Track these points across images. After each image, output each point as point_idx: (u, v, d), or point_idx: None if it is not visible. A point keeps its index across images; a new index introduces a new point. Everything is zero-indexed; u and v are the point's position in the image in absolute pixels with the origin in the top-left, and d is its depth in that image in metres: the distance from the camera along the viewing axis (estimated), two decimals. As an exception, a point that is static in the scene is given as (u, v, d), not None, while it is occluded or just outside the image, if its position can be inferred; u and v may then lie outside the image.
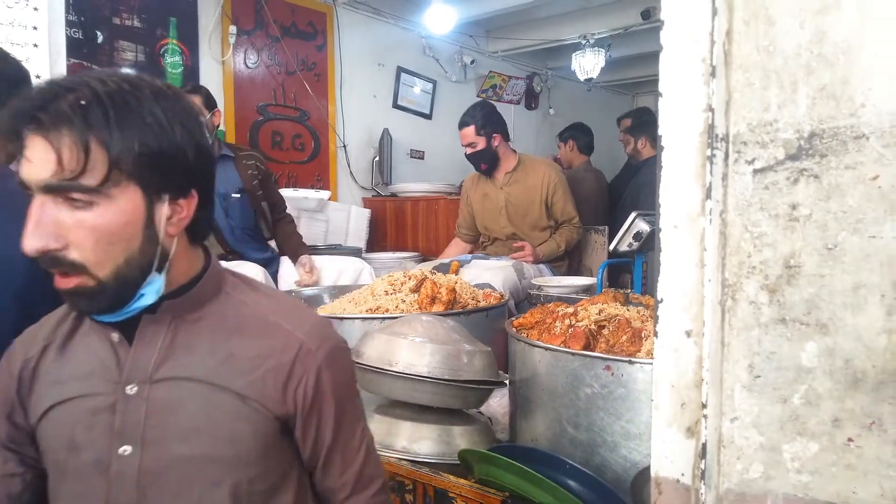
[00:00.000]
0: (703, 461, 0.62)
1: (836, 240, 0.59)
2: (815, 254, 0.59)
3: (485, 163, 3.36)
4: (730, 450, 0.62)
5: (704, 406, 0.61)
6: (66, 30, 2.71)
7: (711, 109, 0.61)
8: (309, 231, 3.86)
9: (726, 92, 0.61)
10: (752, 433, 0.62)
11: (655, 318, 0.65)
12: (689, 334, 0.63)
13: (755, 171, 0.61)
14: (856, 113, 0.57)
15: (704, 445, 0.62)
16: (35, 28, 2.48)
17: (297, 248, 3.03)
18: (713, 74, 0.60)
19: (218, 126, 3.00)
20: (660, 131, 0.65)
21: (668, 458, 0.65)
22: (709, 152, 0.61)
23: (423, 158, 5.16)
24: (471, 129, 3.32)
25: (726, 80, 0.61)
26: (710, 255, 0.61)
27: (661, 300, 0.64)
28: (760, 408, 0.61)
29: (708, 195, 0.61)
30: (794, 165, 0.60)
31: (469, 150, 3.36)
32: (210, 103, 2.92)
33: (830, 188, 0.59)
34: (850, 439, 0.59)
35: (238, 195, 2.95)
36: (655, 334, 0.65)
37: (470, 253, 3.54)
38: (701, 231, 0.62)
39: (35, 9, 2.48)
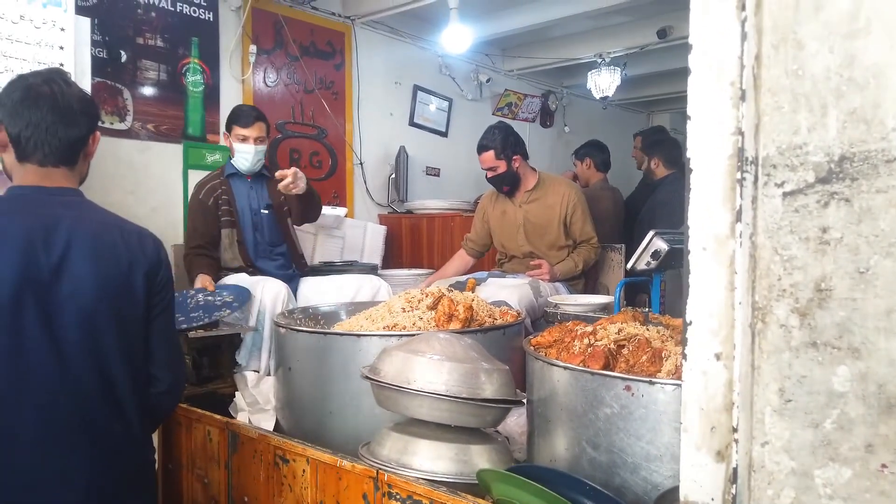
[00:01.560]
0: (734, 486, 0.61)
1: (867, 263, 0.58)
2: (847, 277, 0.59)
3: (507, 185, 3.37)
4: (760, 475, 0.62)
5: (735, 430, 0.61)
6: (91, 49, 2.78)
7: (741, 133, 0.61)
8: (325, 247, 3.89)
9: (755, 115, 0.61)
10: (783, 458, 0.61)
11: (684, 341, 0.64)
12: (718, 357, 0.62)
13: (785, 194, 0.61)
14: (887, 136, 0.57)
15: (735, 470, 0.61)
16: (62, 48, 2.55)
17: None
18: (743, 98, 0.60)
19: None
20: (688, 154, 0.65)
21: (696, 482, 0.64)
22: (738, 175, 0.61)
23: (438, 176, 5.19)
24: (490, 154, 3.32)
25: (755, 103, 0.61)
26: (741, 277, 0.61)
27: (690, 322, 0.64)
28: (792, 432, 0.61)
29: (738, 218, 0.61)
30: (824, 189, 0.60)
31: (490, 174, 3.36)
32: (268, 130, 3.11)
33: (862, 212, 0.58)
34: (883, 465, 0.58)
35: (266, 211, 3.07)
36: (684, 357, 0.65)
37: (472, 269, 3.54)
38: (731, 254, 0.61)
39: (62, 29, 2.54)
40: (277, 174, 2.89)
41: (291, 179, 2.86)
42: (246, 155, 2.97)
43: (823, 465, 0.60)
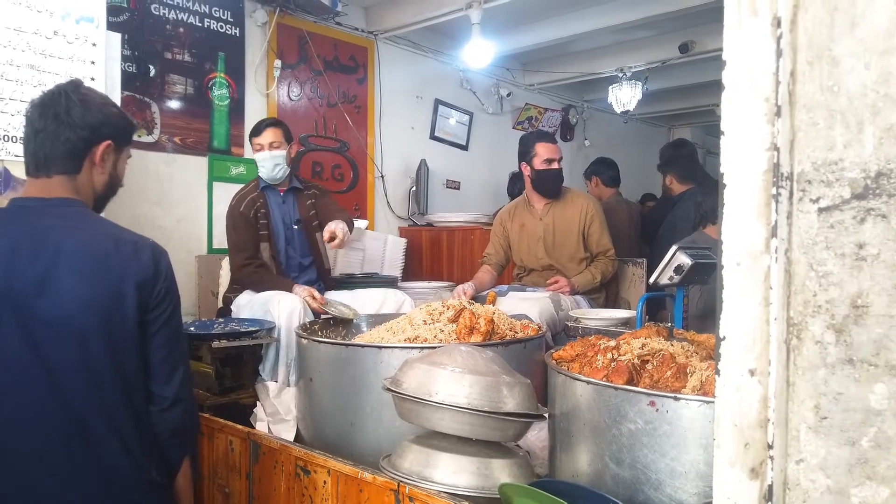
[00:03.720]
0: (769, 504, 0.60)
1: (905, 280, 0.58)
2: (884, 294, 0.58)
3: (560, 182, 3.40)
4: (795, 493, 0.61)
5: (770, 447, 0.60)
6: (121, 64, 2.84)
7: (776, 148, 0.61)
8: (346, 260, 3.91)
9: (791, 131, 0.61)
10: (818, 476, 0.60)
11: (717, 356, 0.64)
12: (752, 373, 0.62)
13: (820, 210, 0.61)
14: (924, 153, 0.57)
15: (770, 487, 0.61)
16: (93, 63, 2.61)
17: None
18: (778, 114, 0.60)
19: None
20: (721, 169, 0.65)
21: (730, 499, 0.63)
22: (774, 191, 0.61)
23: (458, 189, 5.21)
24: (560, 148, 3.40)
25: (791, 119, 0.61)
26: (776, 293, 0.61)
27: (724, 338, 0.64)
28: (827, 450, 0.60)
29: (773, 233, 0.61)
30: (860, 205, 0.59)
31: (556, 165, 3.35)
32: (289, 136, 3.09)
33: (899, 228, 0.58)
34: (922, 485, 0.57)
35: (296, 226, 3.08)
36: (717, 372, 0.64)
37: (497, 281, 3.53)
38: (765, 269, 0.61)
39: (93, 44, 2.61)
40: (327, 232, 2.84)
41: (339, 243, 2.83)
42: (263, 162, 2.99)
43: (860, 483, 0.59)
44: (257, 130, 3.02)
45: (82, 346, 1.32)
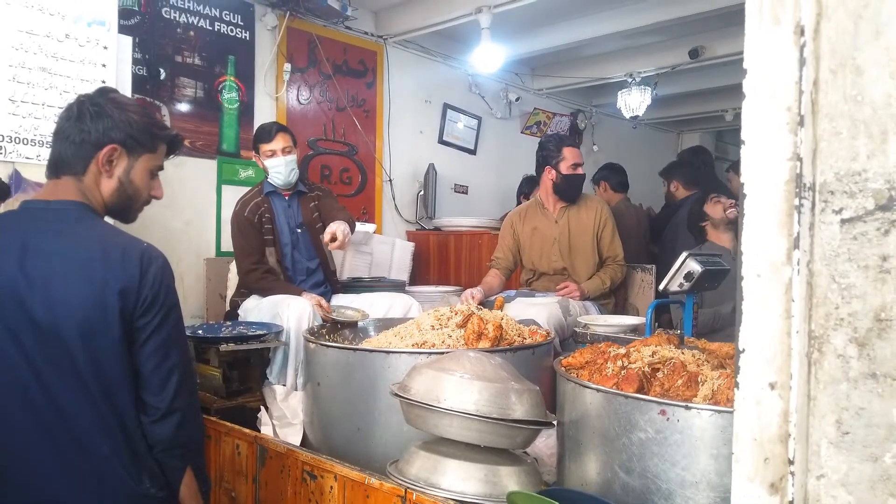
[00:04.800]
0: (790, 520, 0.59)
1: (931, 293, 0.56)
2: (909, 307, 0.57)
3: (581, 188, 3.39)
4: (816, 509, 0.60)
5: (791, 462, 0.59)
6: (132, 67, 2.85)
7: (799, 158, 0.60)
8: (354, 263, 3.91)
9: (813, 141, 0.60)
10: (840, 492, 0.59)
11: (736, 369, 0.63)
12: (773, 386, 0.61)
13: (843, 221, 0.60)
14: (950, 164, 0.56)
15: (791, 503, 0.60)
16: (104, 66, 2.63)
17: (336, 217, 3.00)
18: (801, 123, 0.59)
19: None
20: (742, 179, 0.64)
21: (749, 514, 0.62)
22: (796, 202, 0.60)
23: (466, 193, 5.21)
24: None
25: (813, 129, 0.60)
26: (798, 305, 0.60)
27: (743, 350, 0.63)
28: (849, 466, 0.59)
29: (796, 245, 0.60)
30: (884, 216, 0.58)
31: (580, 170, 3.35)
32: (294, 139, 3.09)
33: (925, 240, 0.57)
34: (946, 503, 0.56)
35: (300, 230, 3.08)
36: (737, 385, 0.63)
37: (505, 286, 3.51)
38: (787, 281, 0.60)
39: (105, 48, 2.62)
40: (327, 233, 2.79)
41: (339, 244, 2.78)
42: (278, 168, 2.99)
43: (883, 500, 0.58)
44: (267, 136, 3.00)
45: (68, 351, 1.30)
